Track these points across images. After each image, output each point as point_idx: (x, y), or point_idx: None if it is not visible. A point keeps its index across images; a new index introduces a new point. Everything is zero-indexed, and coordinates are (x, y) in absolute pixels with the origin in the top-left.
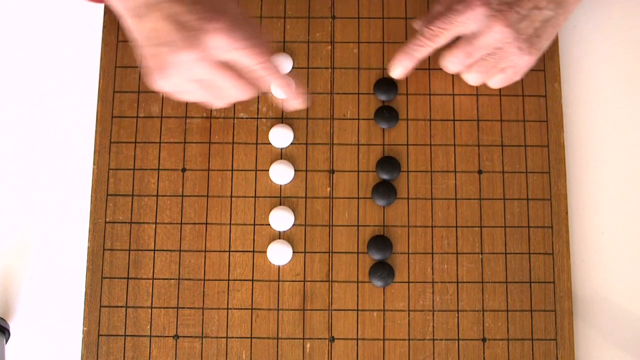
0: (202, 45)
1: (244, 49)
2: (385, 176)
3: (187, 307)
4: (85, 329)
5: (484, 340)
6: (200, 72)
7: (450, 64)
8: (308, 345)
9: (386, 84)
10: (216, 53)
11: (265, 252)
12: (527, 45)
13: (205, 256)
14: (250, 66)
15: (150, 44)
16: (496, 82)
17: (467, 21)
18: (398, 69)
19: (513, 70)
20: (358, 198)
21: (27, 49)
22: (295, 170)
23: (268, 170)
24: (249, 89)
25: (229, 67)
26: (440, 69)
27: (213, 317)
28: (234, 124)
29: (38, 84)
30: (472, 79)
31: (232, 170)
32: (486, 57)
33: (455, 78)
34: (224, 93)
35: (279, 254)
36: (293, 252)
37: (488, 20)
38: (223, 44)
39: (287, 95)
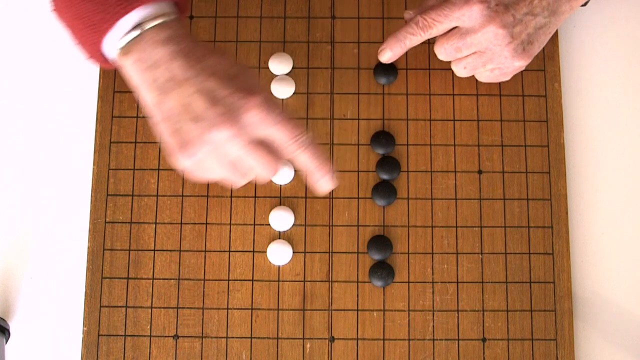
0: (239, 121)
1: (280, 124)
2: (385, 176)
3: (187, 307)
4: (85, 329)
5: (484, 340)
6: (232, 149)
7: (439, 52)
8: (308, 345)
9: (385, 69)
10: (252, 129)
11: (265, 252)
12: (520, 49)
13: (205, 256)
14: (286, 141)
15: (175, 120)
16: (483, 78)
17: (462, 17)
18: (387, 54)
19: (501, 72)
20: (358, 198)
21: (27, 48)
22: (295, 171)
23: None
24: (277, 167)
25: (261, 145)
26: (440, 70)
27: (213, 317)
28: None
29: (38, 84)
30: (458, 71)
31: None
32: (476, 55)
33: (455, 78)
34: (250, 171)
35: (279, 254)
36: (293, 252)
37: (483, 19)
38: (259, 120)
39: (317, 172)
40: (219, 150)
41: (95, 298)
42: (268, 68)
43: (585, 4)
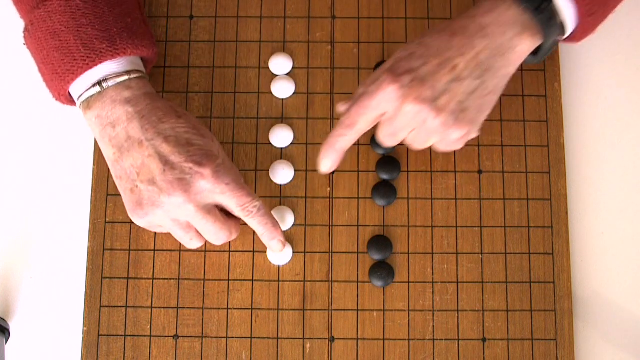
0: (190, 189)
1: (230, 193)
2: (385, 176)
3: (187, 307)
4: (85, 329)
5: (484, 340)
6: (183, 214)
7: (384, 142)
8: (308, 345)
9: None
10: (202, 197)
11: (265, 252)
12: (450, 121)
13: (205, 256)
14: (235, 208)
15: (132, 179)
16: (441, 148)
17: (380, 103)
18: (326, 164)
19: (450, 141)
20: (358, 198)
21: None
22: (295, 170)
23: (268, 170)
24: (229, 232)
25: (212, 211)
26: None
27: (213, 317)
28: (234, 124)
29: (38, 84)
30: (414, 148)
31: None
32: (414, 132)
33: None
34: (208, 235)
35: (279, 254)
36: (293, 252)
37: (399, 100)
38: (210, 188)
39: (265, 237)
40: (171, 213)
41: (95, 298)
42: (268, 68)
43: (537, 54)
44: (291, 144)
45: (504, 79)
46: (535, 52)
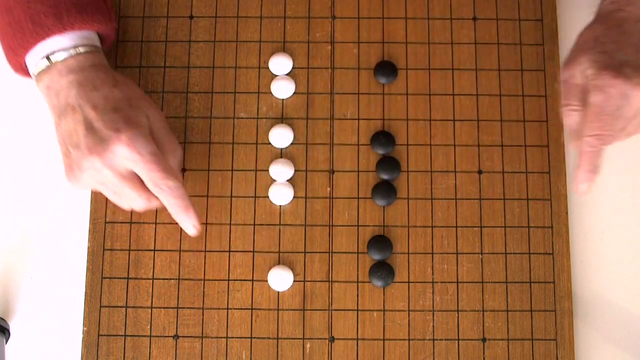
0: (106, 153)
1: (144, 163)
2: (385, 176)
3: (187, 307)
4: (85, 329)
5: (484, 340)
6: (105, 177)
7: (591, 143)
8: (308, 345)
9: (385, 69)
10: (118, 163)
11: (265, 252)
12: None
13: (205, 256)
14: (148, 182)
15: (64, 143)
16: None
17: (625, 105)
18: (585, 187)
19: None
20: (358, 198)
21: None
22: (295, 170)
23: (268, 170)
24: (145, 202)
25: (131, 178)
26: (440, 69)
27: (213, 317)
28: (234, 124)
29: None
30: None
31: (232, 170)
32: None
33: (456, 78)
34: (127, 199)
35: (281, 280)
36: (293, 252)
37: (634, 90)
38: (125, 154)
39: (178, 218)
40: (96, 176)
41: (95, 298)
42: (268, 68)
43: None
44: (291, 144)
45: None
46: None
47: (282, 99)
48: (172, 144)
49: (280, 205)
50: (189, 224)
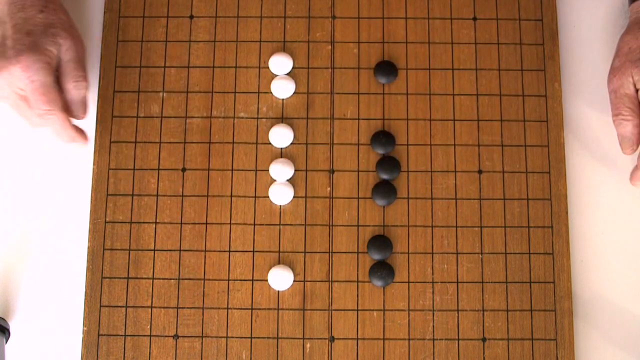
0: (3, 71)
1: (32, 90)
2: (385, 176)
3: (187, 307)
4: (85, 329)
5: (484, 340)
6: (4, 91)
7: None
8: (308, 345)
9: (385, 69)
10: (14, 82)
11: (265, 252)
12: None
13: (205, 256)
14: (34, 107)
15: None
16: None
17: None
18: None
19: None
20: (358, 198)
21: None
22: (295, 170)
23: (268, 170)
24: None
25: (27, 99)
26: (440, 69)
27: (213, 317)
28: (234, 123)
29: None
30: None
31: (232, 170)
32: None
33: (456, 78)
34: (25, 117)
35: (280, 279)
36: (293, 252)
37: None
38: (20, 77)
39: (65, 146)
40: (5, 89)
41: (95, 298)
42: (268, 68)
43: None
44: (291, 144)
45: None
46: None
47: (282, 99)
48: (77, 77)
49: (280, 205)
50: (76, 146)
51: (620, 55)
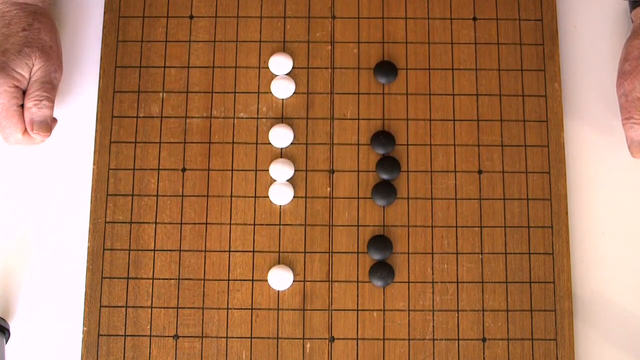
0: None
1: None
2: (385, 176)
3: (187, 307)
4: (85, 329)
5: (484, 340)
6: None
7: None
8: (308, 345)
9: (385, 69)
10: None
11: (265, 252)
12: None
13: (205, 256)
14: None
15: None
16: None
17: None
18: None
19: None
20: (358, 198)
21: None
22: (295, 170)
23: (268, 170)
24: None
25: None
26: (440, 69)
27: (213, 317)
28: (234, 124)
29: None
30: None
31: (232, 170)
32: None
33: (456, 78)
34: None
35: (281, 278)
36: (293, 252)
37: None
38: None
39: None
40: None
41: (95, 298)
42: (268, 68)
43: None
44: (291, 144)
45: None
46: None
47: (282, 99)
48: (39, 97)
49: (280, 205)
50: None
51: (630, 59)
